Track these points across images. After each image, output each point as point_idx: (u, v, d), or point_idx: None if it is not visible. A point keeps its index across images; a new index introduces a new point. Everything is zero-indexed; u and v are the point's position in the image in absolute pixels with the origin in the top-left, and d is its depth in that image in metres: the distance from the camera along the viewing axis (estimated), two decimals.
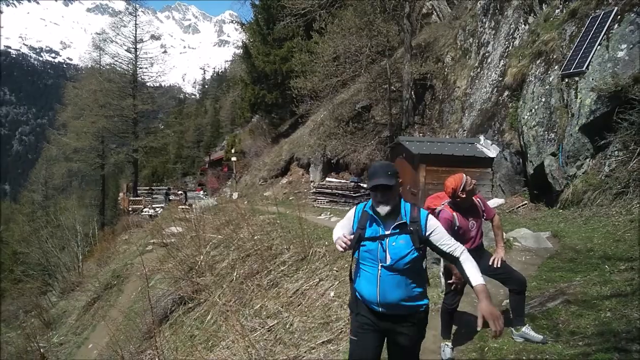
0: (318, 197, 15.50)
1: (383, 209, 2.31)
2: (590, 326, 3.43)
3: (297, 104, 19.45)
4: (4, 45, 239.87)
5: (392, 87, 15.54)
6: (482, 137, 10.65)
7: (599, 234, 5.82)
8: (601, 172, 7.21)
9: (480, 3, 13.07)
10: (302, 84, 17.29)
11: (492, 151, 10.10)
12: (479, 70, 12.31)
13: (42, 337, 11.43)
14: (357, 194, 14.45)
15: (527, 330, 3.46)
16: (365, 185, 14.77)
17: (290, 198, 17.47)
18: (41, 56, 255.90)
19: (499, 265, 3.52)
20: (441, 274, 4.39)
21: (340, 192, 14.93)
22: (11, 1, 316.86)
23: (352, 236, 2.38)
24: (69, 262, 16.33)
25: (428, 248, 2.40)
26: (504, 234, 6.18)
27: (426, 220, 2.34)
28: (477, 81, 12.19)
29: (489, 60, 11.92)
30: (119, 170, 37.39)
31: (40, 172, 40.11)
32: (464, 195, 3.39)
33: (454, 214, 3.43)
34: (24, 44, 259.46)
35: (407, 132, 14.23)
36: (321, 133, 18.80)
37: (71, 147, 32.42)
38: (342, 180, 16.12)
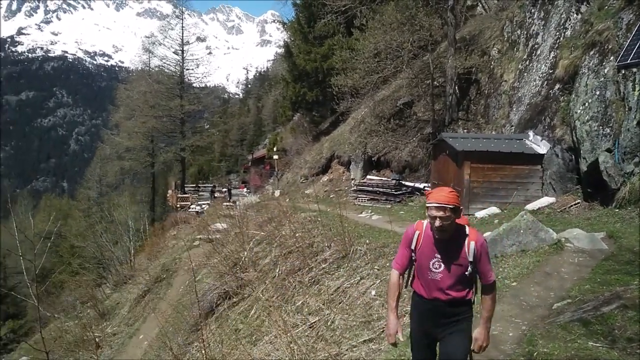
0: (359, 195, 15.42)
1: None
2: None
3: (338, 102, 19.44)
4: (62, 50, 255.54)
5: (435, 83, 15.20)
6: (531, 133, 10.21)
7: None
8: None
9: None
10: (343, 82, 17.26)
11: (542, 147, 9.67)
12: (527, 62, 11.81)
13: (97, 327, 12.09)
14: (398, 192, 14.25)
15: None
16: (407, 183, 14.55)
17: (331, 196, 17.51)
18: (95, 60, 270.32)
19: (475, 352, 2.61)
20: None
21: (381, 190, 14.78)
22: (68, 8, 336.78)
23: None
24: (122, 256, 17.21)
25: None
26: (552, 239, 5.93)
27: None
28: (525, 74, 11.69)
29: (539, 52, 11.39)
30: (168, 168, 38.90)
31: (95, 170, 42.38)
32: (429, 214, 2.48)
33: (421, 232, 2.63)
34: (79, 48, 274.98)
35: (450, 129, 13.88)
36: (362, 130, 18.70)
37: (123, 146, 34.07)
38: (384, 178, 15.95)
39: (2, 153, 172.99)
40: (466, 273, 2.54)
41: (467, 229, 2.58)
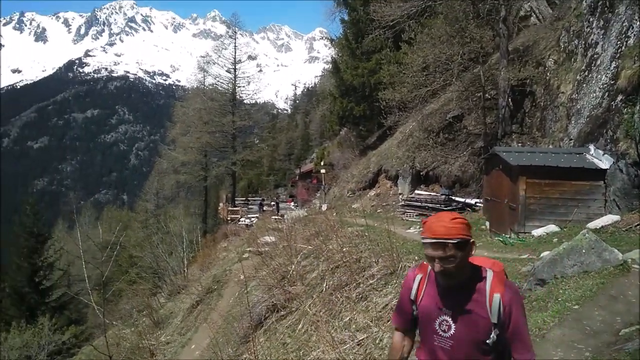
0: (407, 210, 15.20)
1: None
2: None
3: (385, 116, 19.38)
4: (124, 71, 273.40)
5: (487, 95, 14.80)
6: (592, 147, 9.66)
7: None
8: None
9: (586, 1, 11.97)
10: (391, 96, 17.21)
11: (604, 162, 9.11)
12: (586, 73, 11.23)
13: (152, 335, 12.55)
14: (448, 207, 13.91)
15: None
16: (457, 199, 14.18)
17: (378, 210, 17.36)
18: (154, 79, 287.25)
19: None
20: None
21: (430, 205, 14.50)
22: (130, 31, 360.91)
23: None
24: (176, 267, 17.87)
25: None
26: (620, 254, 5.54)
27: None
28: (584, 85, 11.12)
29: (598, 62, 10.82)
30: (220, 181, 40.25)
31: (152, 183, 44.59)
32: (426, 254, 1.83)
33: (424, 276, 1.98)
34: (140, 68, 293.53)
35: (503, 142, 13.41)
36: (410, 144, 18.48)
37: (179, 161, 35.69)
38: (432, 193, 15.64)
39: (68, 167, 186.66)
40: (488, 341, 1.79)
41: (489, 274, 1.86)
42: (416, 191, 16.54)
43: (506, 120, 13.81)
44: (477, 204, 13.40)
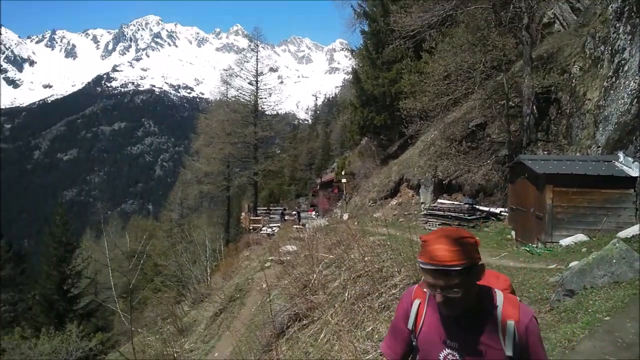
0: (429, 219, 15.04)
1: None
2: None
3: (407, 125, 19.31)
4: (150, 84, 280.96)
5: (511, 103, 14.60)
6: (621, 154, 9.40)
7: None
8: None
9: (612, 7, 11.73)
10: (412, 105, 17.16)
11: (634, 170, 8.84)
12: (613, 79, 10.97)
13: (176, 342, 12.70)
14: (471, 217, 13.69)
15: None
16: (481, 207, 13.96)
17: (400, 220, 17.22)
18: (179, 92, 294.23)
19: None
20: None
21: (453, 214, 14.31)
22: (155, 46, 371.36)
23: None
24: (199, 275, 18.10)
25: None
26: None
27: None
28: (612, 92, 10.86)
29: (626, 68, 10.56)
30: (242, 191, 40.72)
31: (177, 193, 45.43)
32: (425, 281, 1.53)
33: (423, 302, 1.67)
34: (165, 82, 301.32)
35: (528, 151, 13.18)
36: (432, 153, 18.33)
37: (202, 171, 36.30)
38: (455, 202, 15.43)
39: (96, 178, 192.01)
40: None
41: (499, 297, 1.58)
42: (439, 200, 16.36)
43: (531, 128, 13.58)
44: (502, 213, 13.17)
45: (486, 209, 13.86)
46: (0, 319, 25.71)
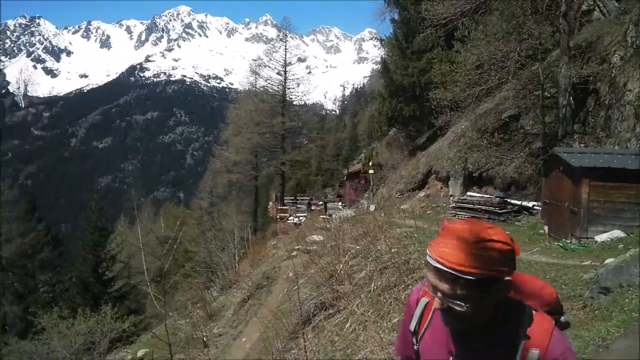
0: (458, 212, 14.80)
1: None
2: None
3: (436, 116, 18.99)
4: (181, 75, 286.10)
5: (546, 93, 14.10)
6: None
7: None
8: None
9: None
10: (442, 95, 16.85)
11: None
12: None
13: (205, 327, 13.06)
14: (502, 211, 13.40)
15: None
16: (513, 201, 13.64)
17: (428, 212, 17.03)
18: (209, 82, 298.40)
19: None
20: None
21: (483, 207, 14.03)
22: (186, 37, 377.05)
23: None
24: (228, 262, 18.47)
25: None
26: None
27: None
28: None
29: None
30: (269, 181, 41.15)
31: (206, 182, 46.35)
32: (428, 277, 1.23)
33: (431, 302, 1.37)
34: (195, 72, 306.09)
35: (564, 143, 12.73)
36: (462, 145, 17.97)
37: (231, 161, 36.86)
38: (486, 195, 15.12)
39: (130, 166, 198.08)
40: None
41: (529, 315, 1.25)
42: (468, 193, 16.07)
43: (567, 119, 13.10)
44: (535, 207, 12.82)
45: (518, 202, 13.52)
46: (40, 299, 27.13)
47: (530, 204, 13.16)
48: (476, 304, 1.16)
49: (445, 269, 1.14)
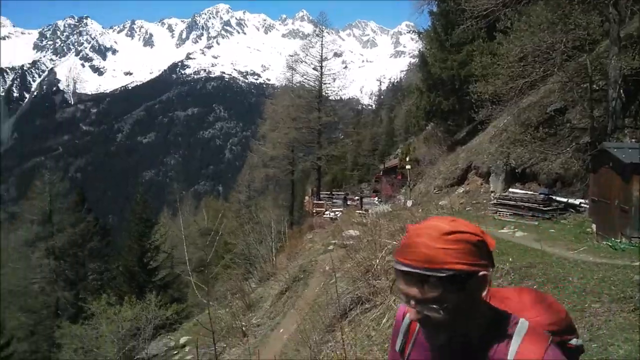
0: (500, 209, 14.42)
1: None
2: None
3: (477, 110, 18.48)
4: (220, 72, 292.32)
5: (594, 86, 13.45)
6: None
7: None
8: None
9: None
10: (483, 88, 16.37)
11: None
12: None
13: (244, 317, 13.43)
14: (547, 208, 12.94)
15: None
16: (558, 198, 13.15)
17: (467, 208, 16.69)
18: (247, 78, 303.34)
19: None
20: None
21: (526, 204, 13.60)
22: (225, 34, 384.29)
23: None
24: (265, 255, 18.86)
25: None
26: None
27: None
28: None
29: None
30: (305, 176, 41.46)
31: (244, 176, 47.19)
32: (398, 286, 1.12)
33: (415, 322, 1.24)
34: (234, 69, 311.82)
35: (614, 138, 12.12)
36: (504, 140, 17.44)
37: (268, 156, 37.38)
38: (529, 192, 14.64)
39: (172, 160, 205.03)
40: None
41: (521, 327, 1.12)
42: (510, 189, 15.61)
43: (617, 113, 12.46)
44: (582, 205, 12.31)
45: (564, 199, 13.02)
46: (89, 286, 28.73)
47: (577, 202, 12.65)
48: (453, 307, 1.05)
49: (411, 269, 1.05)
